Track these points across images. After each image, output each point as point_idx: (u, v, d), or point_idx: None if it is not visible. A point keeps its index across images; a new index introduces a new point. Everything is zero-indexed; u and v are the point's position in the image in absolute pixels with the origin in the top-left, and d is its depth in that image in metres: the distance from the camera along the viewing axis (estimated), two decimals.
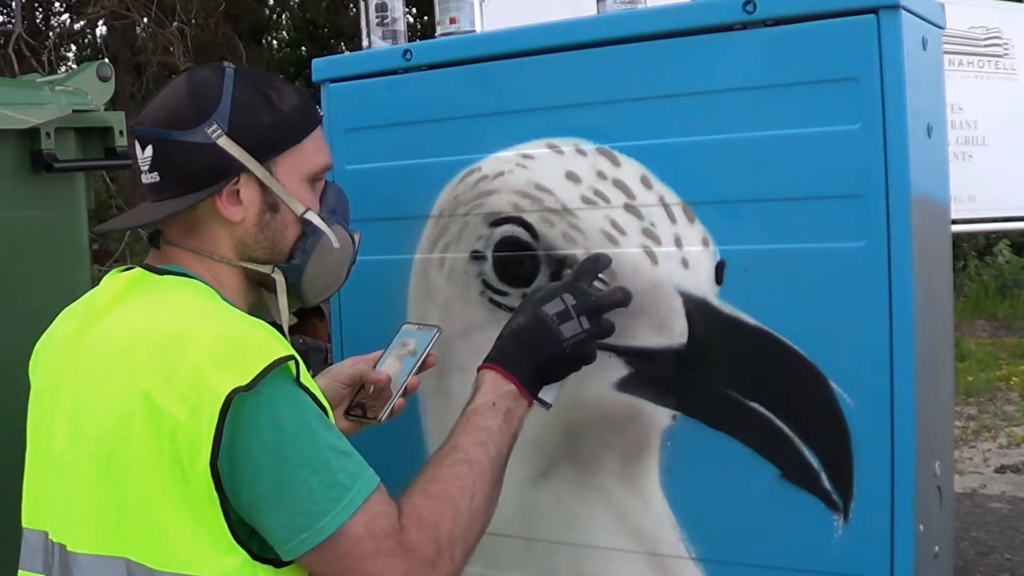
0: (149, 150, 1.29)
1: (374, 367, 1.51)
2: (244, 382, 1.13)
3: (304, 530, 1.15)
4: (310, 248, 1.35)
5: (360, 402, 1.50)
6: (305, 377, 1.21)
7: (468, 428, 1.33)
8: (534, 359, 1.39)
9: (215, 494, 1.14)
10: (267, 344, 1.19)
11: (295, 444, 1.15)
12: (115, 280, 1.30)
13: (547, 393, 1.42)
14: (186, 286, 1.28)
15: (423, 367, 1.50)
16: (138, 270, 1.31)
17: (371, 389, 1.50)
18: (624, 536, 1.55)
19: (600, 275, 1.49)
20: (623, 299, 1.45)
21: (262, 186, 1.31)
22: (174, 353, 1.16)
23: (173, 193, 1.29)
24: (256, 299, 1.40)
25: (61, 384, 1.27)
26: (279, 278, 1.35)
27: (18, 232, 2.29)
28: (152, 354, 1.17)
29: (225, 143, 1.27)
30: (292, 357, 1.19)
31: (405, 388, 1.48)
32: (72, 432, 1.23)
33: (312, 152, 1.35)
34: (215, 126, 1.27)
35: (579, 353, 1.42)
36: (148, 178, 1.31)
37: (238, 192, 1.30)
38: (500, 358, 1.41)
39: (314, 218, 1.35)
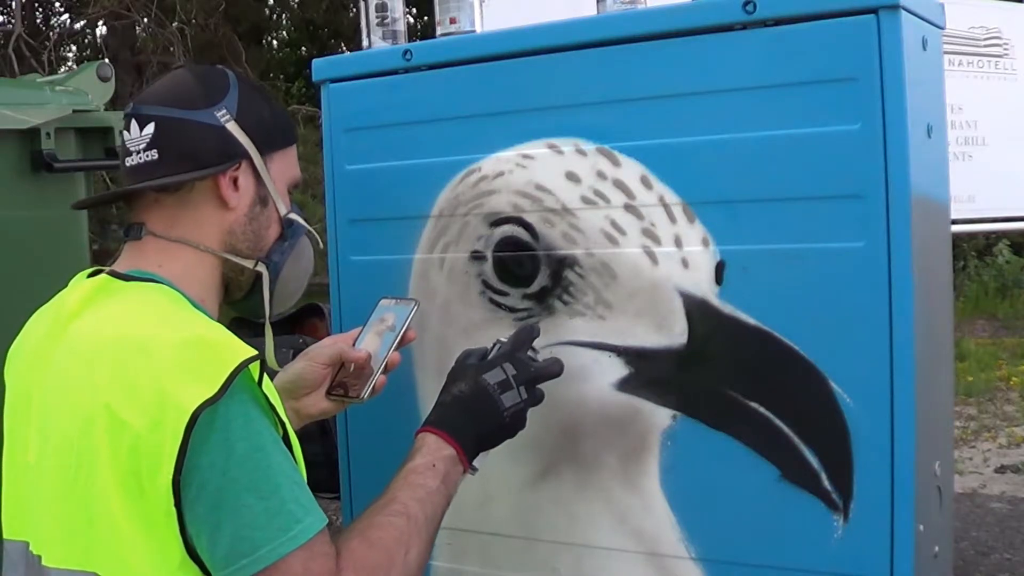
0: (150, 128, 1.30)
1: (353, 345, 1.50)
2: (211, 392, 1.12)
3: (244, 556, 1.12)
4: (288, 249, 1.40)
5: (341, 381, 1.49)
6: (266, 383, 1.20)
7: (407, 484, 1.31)
8: (475, 428, 1.39)
9: (173, 509, 1.12)
10: (230, 347, 1.17)
11: (243, 466, 1.13)
12: (81, 286, 1.29)
13: (477, 459, 1.41)
14: (151, 291, 1.27)
15: (403, 342, 1.49)
16: (103, 276, 1.29)
17: (351, 367, 1.48)
18: (624, 536, 1.55)
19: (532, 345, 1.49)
20: (559, 371, 1.47)
21: (257, 178, 1.35)
22: (136, 364, 1.15)
23: (172, 171, 1.29)
24: (223, 299, 1.39)
25: (31, 392, 1.26)
26: (263, 271, 1.38)
27: (18, 232, 2.29)
28: (114, 365, 1.16)
29: (233, 128, 1.32)
30: (256, 357, 1.18)
31: (386, 364, 1.47)
32: (41, 443, 1.22)
33: (294, 161, 1.42)
34: (224, 111, 1.32)
35: (516, 422, 1.43)
36: (143, 157, 1.30)
37: (236, 179, 1.33)
38: (442, 423, 1.39)
39: (297, 218, 1.40)
